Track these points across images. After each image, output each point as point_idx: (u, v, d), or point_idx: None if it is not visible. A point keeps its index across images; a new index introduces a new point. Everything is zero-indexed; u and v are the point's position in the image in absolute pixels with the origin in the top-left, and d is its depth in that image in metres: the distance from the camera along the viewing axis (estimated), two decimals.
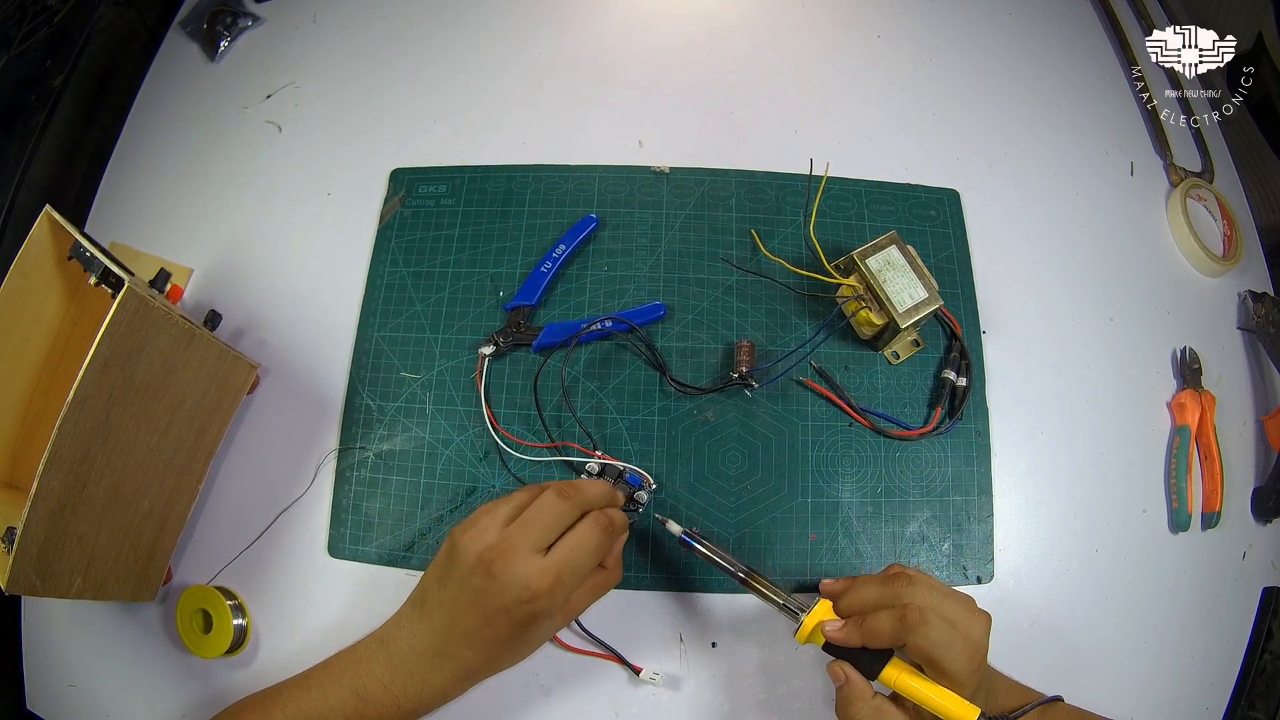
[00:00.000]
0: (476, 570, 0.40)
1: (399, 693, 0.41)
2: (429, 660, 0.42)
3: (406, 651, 0.42)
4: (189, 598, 0.50)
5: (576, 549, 0.41)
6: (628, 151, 0.62)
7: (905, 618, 0.39)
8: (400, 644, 0.43)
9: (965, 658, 0.39)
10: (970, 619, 0.40)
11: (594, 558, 0.42)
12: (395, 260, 0.58)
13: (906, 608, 0.40)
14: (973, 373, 0.54)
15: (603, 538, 0.42)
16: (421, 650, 0.42)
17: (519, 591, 0.40)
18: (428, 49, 0.68)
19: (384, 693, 0.41)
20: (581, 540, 0.41)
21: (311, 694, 0.42)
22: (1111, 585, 0.52)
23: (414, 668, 0.42)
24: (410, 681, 0.42)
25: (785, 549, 0.51)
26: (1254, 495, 0.55)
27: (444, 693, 0.43)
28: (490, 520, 0.42)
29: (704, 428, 0.53)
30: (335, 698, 0.41)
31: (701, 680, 0.48)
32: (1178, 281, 0.60)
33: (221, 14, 0.69)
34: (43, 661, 0.53)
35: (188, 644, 0.50)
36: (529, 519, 0.41)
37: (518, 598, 0.40)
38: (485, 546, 0.40)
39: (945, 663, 0.39)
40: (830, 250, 0.57)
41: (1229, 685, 0.51)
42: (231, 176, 0.64)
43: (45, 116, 0.66)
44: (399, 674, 0.42)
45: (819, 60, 0.67)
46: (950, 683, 0.39)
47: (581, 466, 0.51)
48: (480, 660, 0.42)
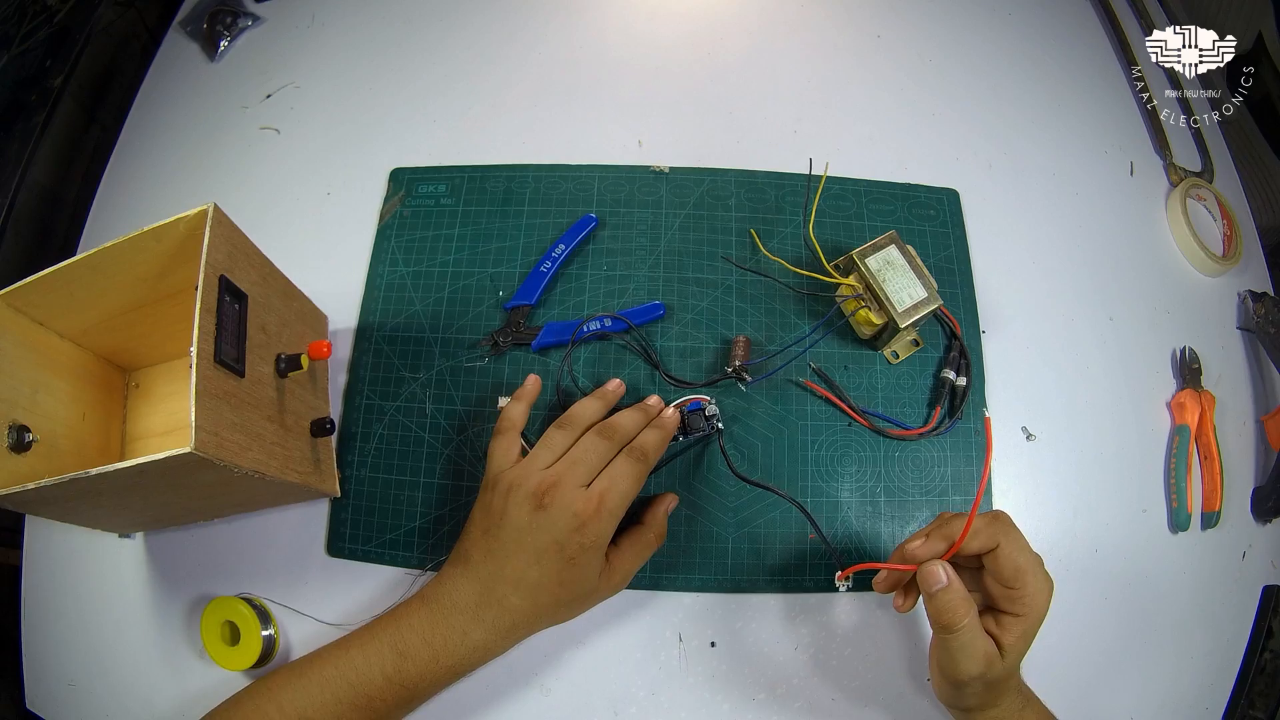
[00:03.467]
0: (527, 504, 0.42)
1: (439, 646, 0.41)
2: (472, 612, 0.42)
3: (449, 604, 0.42)
4: (214, 609, 0.49)
5: (616, 477, 0.44)
6: (627, 151, 0.62)
7: (999, 518, 0.40)
8: (444, 598, 0.43)
9: (1044, 577, 0.39)
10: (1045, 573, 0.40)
11: (634, 484, 0.44)
12: (395, 260, 0.58)
13: (998, 513, 0.40)
14: (972, 372, 0.54)
15: (636, 466, 0.44)
16: (465, 602, 0.42)
17: (569, 520, 0.42)
18: (428, 49, 0.68)
19: (424, 646, 0.41)
20: (620, 470, 0.44)
21: (351, 652, 0.42)
22: (1111, 585, 0.52)
23: (456, 620, 0.42)
24: (451, 634, 0.41)
25: (785, 549, 0.50)
26: (1254, 495, 0.55)
27: (486, 648, 0.42)
28: (535, 463, 0.44)
29: None
30: (375, 654, 0.41)
31: (701, 680, 0.48)
32: (1178, 281, 0.60)
33: (221, 14, 0.69)
34: (43, 661, 0.53)
35: (214, 657, 0.48)
36: (575, 457, 0.44)
37: (569, 525, 0.42)
38: (536, 483, 0.43)
39: (1030, 575, 0.38)
40: (830, 250, 0.57)
41: (1229, 684, 0.51)
42: (231, 176, 0.64)
43: (45, 116, 0.66)
44: (440, 627, 0.42)
45: (819, 60, 0.67)
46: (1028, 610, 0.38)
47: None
48: (528, 607, 0.42)
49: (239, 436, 0.39)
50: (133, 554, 0.53)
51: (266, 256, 0.47)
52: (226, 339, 0.40)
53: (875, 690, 0.48)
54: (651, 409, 0.49)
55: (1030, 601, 0.39)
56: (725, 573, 0.50)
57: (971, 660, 0.38)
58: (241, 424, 0.40)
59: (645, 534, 0.47)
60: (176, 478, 0.38)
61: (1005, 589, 0.39)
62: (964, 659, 0.38)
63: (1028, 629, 0.39)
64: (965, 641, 0.38)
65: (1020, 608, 0.39)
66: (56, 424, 0.45)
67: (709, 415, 0.50)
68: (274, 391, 0.45)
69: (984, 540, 0.39)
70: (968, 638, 0.38)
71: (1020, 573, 0.38)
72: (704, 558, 0.50)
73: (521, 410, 0.49)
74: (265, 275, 0.46)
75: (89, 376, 0.49)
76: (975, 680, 0.39)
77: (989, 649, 0.38)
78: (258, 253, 0.46)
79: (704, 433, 0.51)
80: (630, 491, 0.44)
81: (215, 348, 0.39)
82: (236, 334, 0.41)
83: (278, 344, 0.46)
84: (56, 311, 0.45)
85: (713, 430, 0.51)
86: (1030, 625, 0.39)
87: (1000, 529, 0.39)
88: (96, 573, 0.53)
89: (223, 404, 0.39)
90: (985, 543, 0.39)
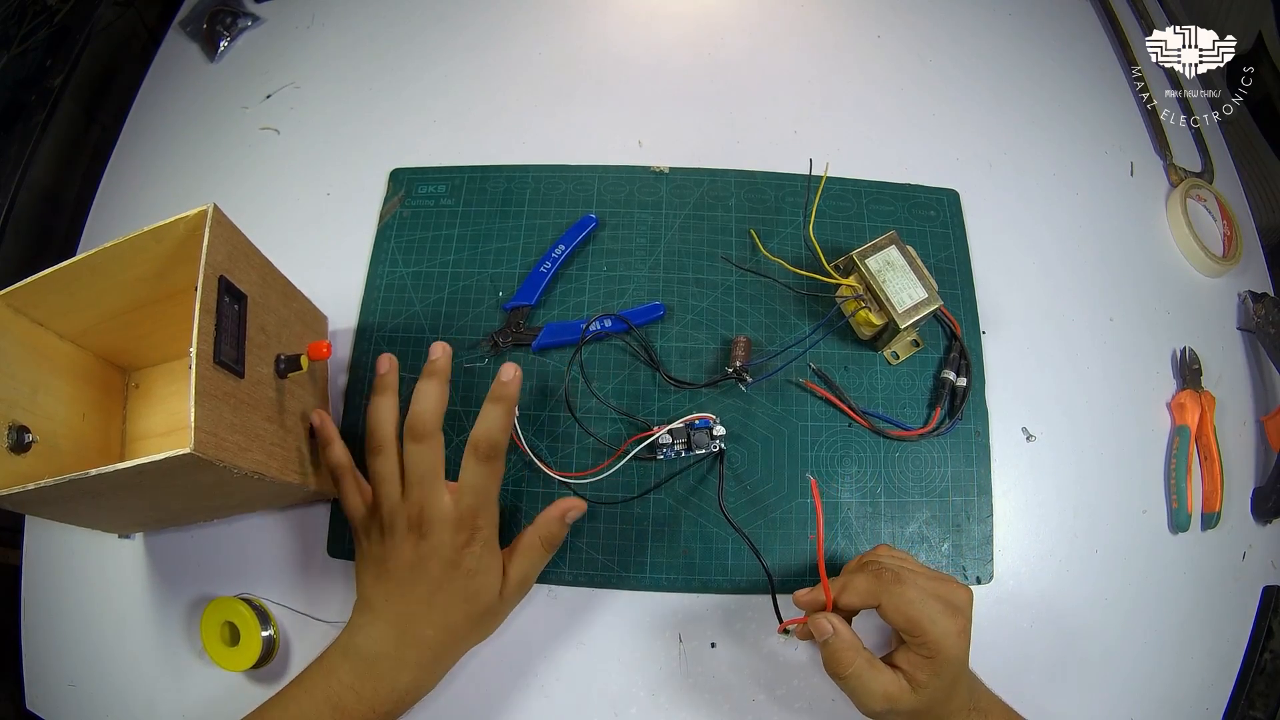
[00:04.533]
0: (407, 541, 0.43)
1: (371, 696, 0.41)
2: (394, 656, 0.42)
3: (371, 653, 0.42)
4: (214, 610, 0.49)
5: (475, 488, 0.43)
6: (627, 151, 0.62)
7: (880, 575, 0.39)
8: (363, 647, 0.43)
9: (948, 619, 0.38)
10: (951, 587, 0.40)
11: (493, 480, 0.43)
12: (395, 260, 0.58)
13: (882, 567, 0.40)
14: (972, 373, 0.54)
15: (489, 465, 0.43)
16: (384, 648, 0.42)
17: (451, 536, 0.42)
18: (427, 49, 0.68)
19: (357, 700, 0.41)
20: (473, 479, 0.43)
21: (290, 710, 0.41)
22: (1111, 585, 0.52)
23: (380, 667, 0.42)
24: (380, 683, 0.42)
25: (785, 549, 0.50)
26: (1254, 495, 0.55)
27: (415, 687, 0.43)
28: (387, 501, 0.44)
29: None
30: (313, 711, 0.41)
31: (701, 680, 0.48)
32: (1178, 281, 0.60)
33: (221, 14, 0.69)
34: (43, 661, 0.53)
35: (214, 657, 0.48)
36: (417, 477, 0.43)
37: (453, 543, 0.42)
38: (405, 518, 0.43)
39: (926, 623, 0.38)
40: (830, 250, 0.57)
41: (1229, 684, 0.51)
42: (231, 176, 0.64)
43: (45, 116, 0.66)
44: (367, 678, 0.42)
45: (819, 60, 0.67)
46: (935, 654, 0.38)
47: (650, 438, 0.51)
48: (444, 636, 0.43)
49: (238, 437, 0.39)
50: (133, 554, 0.53)
51: (266, 257, 0.47)
52: (226, 339, 0.40)
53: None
54: (438, 364, 0.45)
55: (935, 646, 0.38)
56: (725, 573, 0.50)
57: (870, 698, 0.39)
58: (241, 425, 0.40)
59: (531, 536, 0.45)
60: (176, 478, 0.38)
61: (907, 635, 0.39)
62: (863, 698, 0.39)
63: (939, 669, 0.39)
64: (856, 686, 0.39)
65: (926, 651, 0.39)
66: (56, 424, 0.45)
67: (716, 435, 0.50)
68: (274, 392, 0.45)
69: (863, 598, 0.40)
70: (857, 682, 0.39)
71: (913, 623, 0.38)
72: (704, 558, 0.50)
73: (342, 449, 0.48)
74: (265, 276, 0.46)
75: (89, 377, 0.49)
76: (886, 714, 0.39)
77: (888, 688, 0.39)
78: (257, 253, 0.46)
79: (707, 451, 0.51)
80: (494, 489, 0.44)
81: (215, 348, 0.39)
82: (236, 334, 0.41)
83: (277, 344, 0.46)
84: (56, 312, 0.45)
85: (716, 451, 0.51)
86: (941, 666, 0.38)
87: (881, 586, 0.39)
88: (96, 573, 0.53)
89: (222, 404, 0.39)
90: (865, 599, 0.40)
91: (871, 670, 0.39)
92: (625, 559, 0.50)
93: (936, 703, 0.39)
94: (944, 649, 0.38)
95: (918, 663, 0.39)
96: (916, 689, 0.39)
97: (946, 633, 0.38)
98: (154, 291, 0.46)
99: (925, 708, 0.39)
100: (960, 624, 0.39)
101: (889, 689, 0.39)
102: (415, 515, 0.43)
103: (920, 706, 0.39)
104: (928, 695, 0.39)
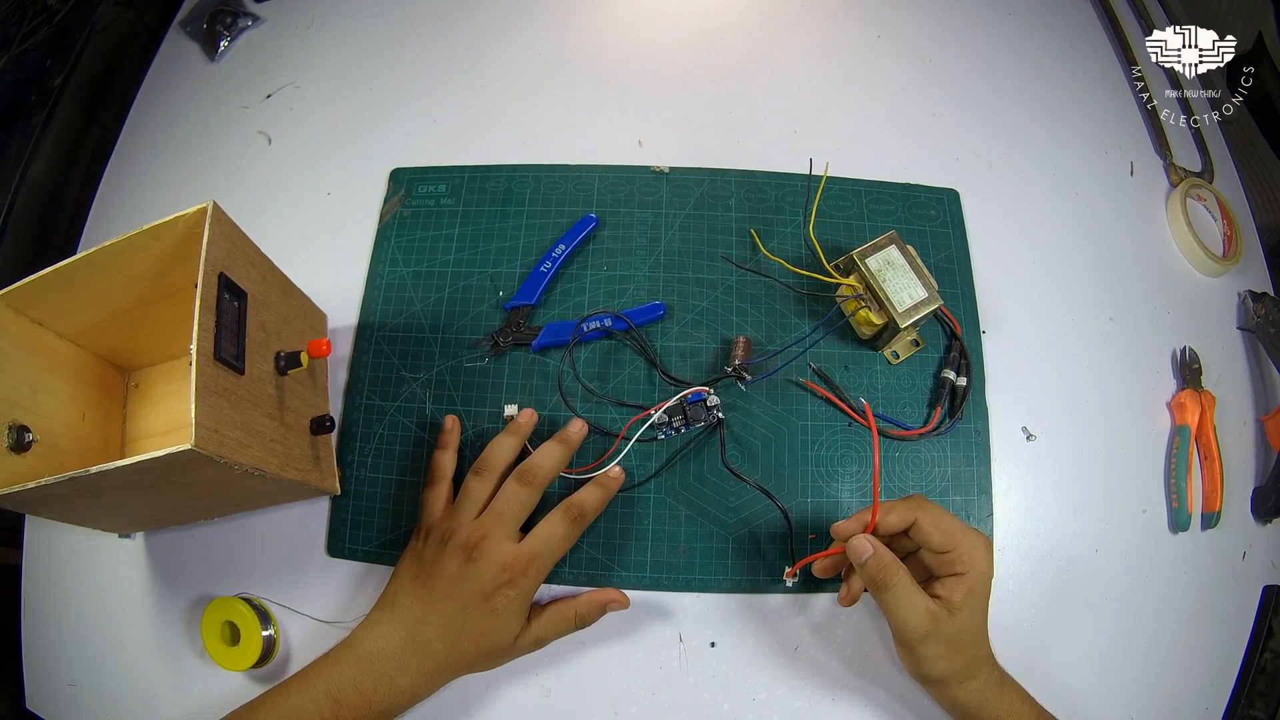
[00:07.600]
0: (457, 556, 0.44)
1: (369, 692, 0.42)
2: (398, 658, 0.43)
3: (376, 651, 0.43)
4: (214, 610, 0.49)
5: (548, 538, 0.46)
6: (627, 151, 0.62)
7: (916, 497, 0.42)
8: (370, 645, 0.44)
9: (976, 536, 0.41)
10: (975, 530, 0.42)
11: (565, 544, 0.46)
12: (395, 260, 0.58)
13: (912, 495, 0.43)
14: (972, 372, 0.54)
15: (571, 527, 0.46)
16: (391, 648, 0.43)
17: (496, 573, 0.44)
18: (427, 49, 0.68)
19: (355, 694, 0.42)
20: (551, 530, 0.46)
21: (290, 700, 0.42)
22: (1111, 585, 0.51)
23: (383, 667, 0.43)
24: (380, 681, 0.43)
25: (785, 549, 0.50)
26: (1254, 495, 0.55)
27: (412, 692, 0.43)
28: (462, 514, 0.46)
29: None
30: (311, 702, 0.42)
31: (701, 680, 0.48)
32: (1178, 281, 0.60)
33: (221, 14, 0.69)
34: (43, 661, 0.53)
35: (214, 657, 0.48)
36: (499, 509, 0.46)
37: (496, 580, 0.44)
38: (465, 535, 0.45)
39: (959, 534, 0.41)
40: (830, 250, 0.57)
41: (1229, 684, 0.51)
42: (231, 176, 0.64)
43: (45, 116, 0.66)
44: (368, 674, 0.43)
45: (819, 60, 0.67)
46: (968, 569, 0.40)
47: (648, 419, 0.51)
48: (450, 654, 0.44)
49: (239, 433, 0.39)
50: (133, 554, 0.53)
51: (265, 255, 0.47)
52: (226, 336, 0.40)
53: (876, 691, 0.48)
54: (572, 437, 0.49)
55: (967, 558, 0.41)
56: (725, 573, 0.50)
57: (915, 615, 0.40)
58: (241, 421, 0.40)
59: (567, 608, 0.46)
60: (176, 475, 0.38)
61: (940, 555, 0.41)
62: (907, 615, 0.40)
63: (973, 585, 0.40)
64: (902, 598, 0.40)
65: (960, 566, 0.41)
66: (56, 424, 0.45)
67: (710, 406, 0.51)
68: (273, 389, 0.45)
69: (901, 515, 0.42)
70: (904, 594, 0.40)
71: (948, 534, 0.41)
72: (704, 558, 0.50)
73: (450, 458, 0.51)
74: (264, 273, 0.46)
75: (89, 376, 0.49)
76: (928, 639, 0.40)
77: (931, 605, 0.40)
78: (257, 251, 0.46)
79: (706, 424, 0.51)
80: (560, 551, 0.46)
81: (215, 345, 0.39)
82: (236, 331, 0.41)
83: (277, 341, 0.46)
84: (56, 311, 0.45)
85: (715, 421, 0.51)
86: (974, 582, 0.40)
87: (915, 504, 0.42)
88: (96, 573, 0.53)
89: (222, 401, 0.39)
90: (903, 517, 0.42)
91: (914, 586, 0.41)
92: (625, 558, 0.50)
93: (971, 634, 0.41)
94: (975, 562, 0.40)
95: (952, 584, 0.41)
96: (953, 612, 0.40)
97: (976, 545, 0.41)
98: (154, 290, 0.46)
99: (962, 637, 0.40)
100: (986, 543, 0.42)
101: (931, 606, 0.40)
102: (476, 538, 0.44)
103: (957, 633, 0.40)
104: (963, 620, 0.40)
